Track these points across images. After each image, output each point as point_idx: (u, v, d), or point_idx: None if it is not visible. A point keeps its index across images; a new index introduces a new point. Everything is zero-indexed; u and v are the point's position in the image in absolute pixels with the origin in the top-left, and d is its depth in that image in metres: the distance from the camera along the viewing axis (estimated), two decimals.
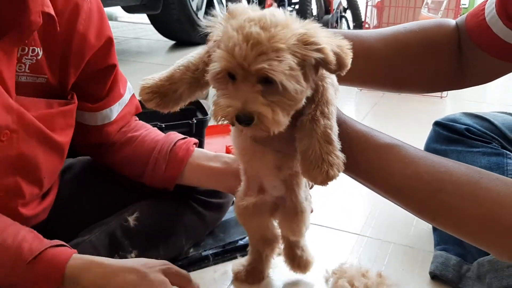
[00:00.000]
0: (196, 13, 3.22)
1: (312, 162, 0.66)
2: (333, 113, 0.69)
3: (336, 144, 0.67)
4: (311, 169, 0.66)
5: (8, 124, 0.75)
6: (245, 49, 0.58)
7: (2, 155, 0.76)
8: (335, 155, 0.66)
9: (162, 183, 1.00)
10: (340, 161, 0.66)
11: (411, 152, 0.69)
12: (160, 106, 0.71)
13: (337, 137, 0.68)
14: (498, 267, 0.92)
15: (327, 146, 0.66)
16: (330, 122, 0.67)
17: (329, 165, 0.65)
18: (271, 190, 0.87)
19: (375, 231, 1.21)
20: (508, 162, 1.02)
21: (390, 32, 0.90)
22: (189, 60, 0.72)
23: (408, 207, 0.70)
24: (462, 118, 1.13)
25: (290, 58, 0.59)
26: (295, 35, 0.61)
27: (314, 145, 0.66)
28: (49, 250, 0.73)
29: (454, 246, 1.05)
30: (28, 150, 0.79)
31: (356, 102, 2.37)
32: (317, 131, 0.66)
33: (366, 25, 2.81)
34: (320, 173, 0.66)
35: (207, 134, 1.68)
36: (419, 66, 0.89)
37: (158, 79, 0.70)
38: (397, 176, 0.68)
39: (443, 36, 0.89)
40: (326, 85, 0.69)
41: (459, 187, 0.65)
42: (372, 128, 0.72)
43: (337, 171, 0.66)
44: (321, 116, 0.67)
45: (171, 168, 0.98)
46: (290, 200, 0.87)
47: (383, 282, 0.99)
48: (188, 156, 0.99)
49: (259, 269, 1.00)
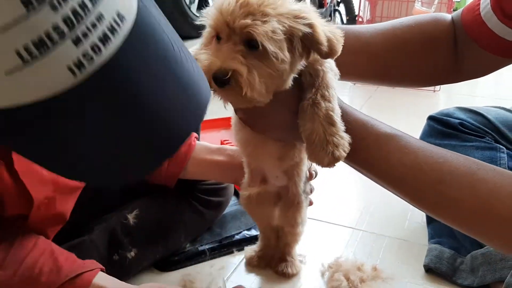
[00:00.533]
0: (189, 6, 3.20)
1: (317, 145, 0.66)
2: (334, 96, 0.69)
3: (340, 125, 0.67)
4: (317, 152, 0.66)
5: (46, 195, 0.78)
6: (233, 6, 0.59)
7: (38, 219, 0.79)
8: (339, 136, 0.66)
9: (164, 180, 1.00)
10: (345, 141, 0.66)
11: (411, 142, 0.69)
12: None
13: (340, 119, 0.68)
14: (492, 260, 0.93)
15: (331, 128, 0.66)
16: (331, 105, 0.67)
17: (334, 146, 0.66)
18: (274, 181, 0.89)
19: (370, 225, 1.22)
20: (501, 156, 1.03)
21: (387, 27, 0.90)
22: None
23: (406, 196, 0.70)
24: (456, 113, 1.14)
25: (276, 24, 0.59)
26: (287, 8, 0.61)
27: (317, 128, 0.66)
28: (66, 285, 0.74)
29: (448, 240, 1.07)
30: (62, 207, 0.83)
31: (350, 96, 2.38)
32: (319, 114, 0.66)
33: (360, 19, 2.82)
34: (326, 154, 0.66)
35: (202, 128, 1.68)
36: (417, 61, 0.90)
37: None
38: (396, 165, 0.68)
39: (440, 31, 0.89)
40: (325, 69, 0.69)
41: (457, 178, 0.65)
42: (372, 118, 0.72)
43: (342, 152, 0.66)
44: (321, 99, 0.67)
45: (174, 164, 0.98)
46: (291, 190, 0.89)
47: (378, 275, 1.00)
48: (190, 151, 0.99)
49: (269, 254, 1.03)
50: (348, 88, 2.45)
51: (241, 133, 0.81)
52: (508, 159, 1.03)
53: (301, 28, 0.61)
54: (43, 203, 0.79)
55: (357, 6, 2.92)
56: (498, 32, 0.80)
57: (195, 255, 1.04)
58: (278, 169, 0.85)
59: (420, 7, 2.26)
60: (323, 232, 1.19)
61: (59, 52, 0.37)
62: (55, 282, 0.73)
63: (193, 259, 1.04)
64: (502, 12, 0.79)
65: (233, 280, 1.00)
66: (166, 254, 0.99)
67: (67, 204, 0.85)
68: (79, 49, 0.38)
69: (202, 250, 1.05)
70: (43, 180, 0.77)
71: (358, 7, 2.80)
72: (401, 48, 0.88)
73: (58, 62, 0.37)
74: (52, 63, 0.37)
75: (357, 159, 0.71)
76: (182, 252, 1.04)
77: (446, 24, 0.89)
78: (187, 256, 1.03)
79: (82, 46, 0.38)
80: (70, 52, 0.38)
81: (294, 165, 0.85)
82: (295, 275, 1.01)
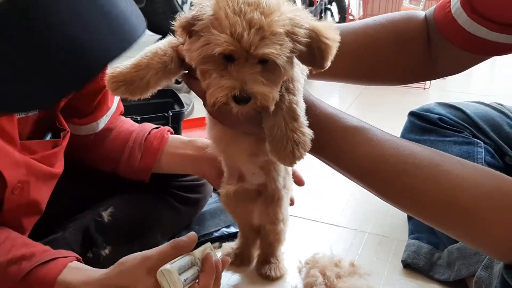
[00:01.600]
0: (182, 6, 3.21)
1: (278, 141, 0.65)
2: (299, 90, 0.68)
3: (302, 120, 0.66)
4: (278, 149, 0.66)
5: (19, 178, 0.77)
6: (252, 35, 0.59)
7: (14, 204, 0.78)
8: (301, 132, 0.65)
9: (137, 174, 1.00)
10: (307, 138, 0.65)
11: (377, 135, 0.69)
12: (127, 93, 0.70)
13: (304, 113, 0.67)
14: (466, 254, 0.93)
15: (292, 123, 0.65)
16: (295, 98, 0.67)
17: (295, 143, 0.65)
18: (251, 178, 0.89)
19: (351, 222, 1.22)
20: (478, 150, 1.03)
21: (359, 25, 0.90)
22: (157, 46, 0.72)
23: (373, 189, 0.70)
24: (436, 108, 1.14)
25: (288, 42, 0.61)
26: (288, 18, 0.62)
27: (279, 122, 0.65)
28: (37, 270, 0.73)
29: (427, 235, 1.06)
30: (36, 193, 0.82)
31: (340, 93, 2.38)
32: (282, 106, 0.65)
33: (350, 17, 2.82)
34: (287, 154, 0.65)
35: (187, 127, 1.68)
36: (389, 59, 0.90)
37: (124, 67, 0.70)
38: (363, 158, 0.68)
39: (412, 28, 0.89)
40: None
41: (421, 170, 0.65)
42: (341, 111, 0.72)
43: (302, 151, 0.65)
44: (285, 91, 0.66)
45: (147, 157, 0.98)
46: (270, 186, 0.88)
47: (355, 271, 1.00)
48: (163, 144, 0.99)
49: (246, 253, 1.02)
50: (338, 85, 2.45)
51: (213, 131, 0.81)
52: (485, 153, 1.03)
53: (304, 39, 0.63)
54: (16, 187, 0.77)
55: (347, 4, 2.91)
56: (467, 28, 0.80)
57: None
58: (252, 165, 0.85)
59: (408, 4, 2.26)
60: (303, 229, 1.19)
61: None
62: (25, 269, 0.72)
63: None
64: (470, 8, 0.79)
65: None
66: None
67: (42, 192, 0.84)
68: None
69: None
70: (16, 162, 0.76)
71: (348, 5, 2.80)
72: (372, 46, 0.88)
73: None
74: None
75: (324, 152, 0.71)
76: None
77: (419, 21, 0.89)
78: None
79: None
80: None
81: (269, 161, 0.84)
82: (279, 278, 0.99)
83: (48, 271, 0.74)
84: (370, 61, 0.89)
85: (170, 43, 0.71)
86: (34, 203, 0.83)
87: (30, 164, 0.79)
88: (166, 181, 1.05)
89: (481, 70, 1.39)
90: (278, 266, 1.00)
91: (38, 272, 0.73)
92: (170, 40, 0.72)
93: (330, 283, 0.94)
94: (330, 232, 1.18)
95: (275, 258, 1.00)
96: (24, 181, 0.78)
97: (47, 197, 0.87)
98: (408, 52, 0.89)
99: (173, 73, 0.73)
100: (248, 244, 1.02)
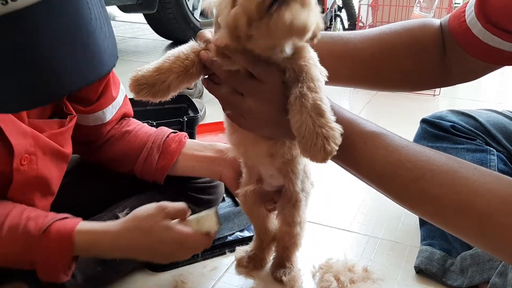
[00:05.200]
0: (192, 12, 3.23)
1: (307, 139, 0.66)
2: (321, 88, 0.69)
3: (329, 115, 0.66)
4: (308, 147, 0.66)
5: (27, 148, 0.80)
6: None
7: (23, 177, 0.81)
8: (329, 127, 0.65)
9: (153, 175, 1.02)
10: (336, 132, 0.66)
11: (395, 141, 0.70)
12: (149, 96, 0.72)
13: (330, 109, 0.67)
14: (480, 261, 0.94)
15: (319, 119, 0.65)
16: (319, 95, 0.67)
17: (324, 138, 0.65)
18: (269, 180, 0.91)
19: (363, 227, 1.23)
20: (491, 158, 1.04)
21: (375, 33, 0.91)
22: (180, 51, 0.73)
23: (389, 194, 0.71)
24: (449, 115, 1.15)
25: None
26: None
27: (306, 119, 0.66)
28: (55, 224, 0.78)
29: (439, 241, 1.07)
30: (45, 169, 0.84)
31: (350, 100, 2.39)
32: (307, 105, 0.66)
33: (360, 24, 2.83)
34: (318, 150, 0.65)
35: (199, 132, 1.70)
36: (404, 66, 0.91)
37: (146, 71, 0.72)
38: (380, 163, 0.69)
39: (427, 36, 0.90)
40: (309, 65, 0.70)
41: (438, 175, 0.66)
42: (358, 116, 0.73)
43: (333, 145, 0.65)
44: (308, 90, 0.67)
45: (164, 158, 1.00)
46: (288, 189, 0.90)
47: (369, 276, 1.01)
48: (181, 147, 1.01)
49: (260, 256, 1.03)
50: (348, 92, 2.46)
51: (234, 136, 0.83)
52: (498, 161, 1.04)
53: None
54: (24, 158, 0.80)
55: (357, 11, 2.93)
56: (482, 38, 0.81)
57: None
58: (271, 166, 0.87)
59: (419, 12, 2.27)
60: (316, 234, 1.20)
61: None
62: (45, 224, 0.77)
63: (186, 260, 1.04)
64: (485, 18, 0.80)
65: (225, 280, 1.01)
66: None
67: (51, 170, 0.86)
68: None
69: None
70: (23, 132, 0.79)
71: (358, 12, 2.81)
72: (387, 52, 0.89)
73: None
74: None
75: (342, 157, 0.72)
76: None
77: (434, 29, 0.90)
78: None
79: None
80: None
81: (287, 163, 0.85)
82: (292, 284, 0.98)
83: (66, 224, 0.79)
84: (386, 68, 0.91)
85: (192, 48, 0.73)
86: (43, 179, 0.85)
87: (37, 136, 0.81)
88: (180, 183, 1.07)
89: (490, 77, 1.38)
90: (292, 271, 1.00)
91: (55, 225, 0.78)
92: (192, 45, 0.74)
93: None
94: (342, 237, 1.19)
95: (290, 263, 1.00)
96: (31, 152, 0.80)
97: (58, 179, 0.90)
98: (424, 59, 0.91)
99: (194, 77, 0.74)
100: (263, 247, 1.03)
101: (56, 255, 0.78)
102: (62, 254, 0.78)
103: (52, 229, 0.77)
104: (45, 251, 0.77)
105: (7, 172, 0.79)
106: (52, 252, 0.78)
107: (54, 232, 0.77)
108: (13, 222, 0.77)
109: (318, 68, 0.72)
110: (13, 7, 0.57)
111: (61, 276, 0.80)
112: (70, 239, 0.78)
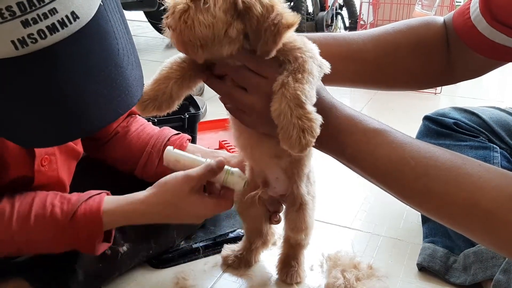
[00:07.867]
0: None
1: (285, 128, 0.65)
2: (309, 81, 0.67)
3: (309, 106, 0.65)
4: (286, 137, 0.65)
5: (46, 149, 0.80)
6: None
7: (44, 178, 0.81)
8: (307, 118, 0.64)
9: (153, 178, 1.01)
10: (314, 124, 0.64)
11: (398, 138, 0.70)
12: (155, 110, 0.71)
13: (313, 102, 0.66)
14: (483, 258, 0.93)
15: (297, 110, 0.64)
16: (302, 86, 0.65)
17: (300, 130, 0.64)
18: (274, 183, 0.89)
19: (365, 225, 1.23)
20: (495, 155, 1.03)
21: (378, 33, 0.91)
22: (175, 56, 0.73)
23: (393, 191, 0.71)
24: (451, 113, 1.15)
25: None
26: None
27: (284, 109, 0.64)
28: (81, 208, 0.79)
29: (442, 239, 1.07)
30: (63, 169, 0.85)
31: (351, 98, 2.39)
32: (286, 94, 0.65)
33: (361, 22, 2.82)
34: (294, 141, 0.64)
35: (200, 130, 1.69)
36: (409, 65, 0.90)
37: (146, 86, 0.71)
38: (383, 160, 0.69)
39: (431, 35, 0.90)
40: (305, 57, 0.68)
41: (442, 172, 0.65)
42: (361, 113, 0.73)
43: (309, 137, 0.64)
44: (292, 80, 0.66)
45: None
46: (293, 191, 0.88)
47: (374, 273, 1.00)
48: None
49: (246, 258, 1.02)
50: (349, 90, 2.45)
51: (241, 138, 0.83)
52: (501, 158, 1.03)
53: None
54: (45, 159, 0.80)
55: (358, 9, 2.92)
56: (487, 35, 0.81)
57: (188, 253, 1.05)
58: (276, 167, 0.85)
59: (420, 10, 2.26)
60: (317, 232, 1.18)
61: (6, 26, 0.51)
62: (71, 209, 0.78)
63: (187, 257, 1.04)
64: (490, 15, 0.79)
65: (226, 277, 1.01)
66: (159, 250, 1.00)
67: (65, 168, 0.87)
68: (26, 30, 0.52)
69: (196, 247, 1.06)
70: None
71: (359, 10, 2.81)
72: (392, 53, 0.89)
73: (4, 35, 0.51)
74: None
75: (345, 154, 0.72)
76: (176, 250, 1.05)
77: (438, 27, 0.90)
78: (180, 253, 1.04)
79: (30, 28, 0.52)
80: (17, 30, 0.51)
81: (293, 164, 0.84)
82: (296, 284, 0.97)
83: (90, 206, 0.79)
84: (390, 68, 0.90)
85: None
86: (61, 182, 0.86)
87: None
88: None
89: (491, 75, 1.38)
90: (297, 271, 0.98)
91: (81, 209, 0.78)
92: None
93: (350, 286, 0.95)
94: (344, 235, 1.19)
95: (296, 262, 0.98)
96: (51, 153, 0.81)
97: (70, 177, 0.91)
98: (428, 58, 0.90)
99: (192, 80, 0.74)
100: (251, 249, 1.02)
101: (87, 238, 0.79)
102: (93, 236, 0.80)
103: (78, 214, 0.78)
104: (75, 237, 0.78)
105: (29, 174, 0.79)
106: (82, 236, 0.79)
107: (81, 217, 0.78)
108: (39, 211, 0.77)
109: (317, 60, 0.71)
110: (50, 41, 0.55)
111: (98, 248, 0.82)
112: (98, 222, 0.79)
